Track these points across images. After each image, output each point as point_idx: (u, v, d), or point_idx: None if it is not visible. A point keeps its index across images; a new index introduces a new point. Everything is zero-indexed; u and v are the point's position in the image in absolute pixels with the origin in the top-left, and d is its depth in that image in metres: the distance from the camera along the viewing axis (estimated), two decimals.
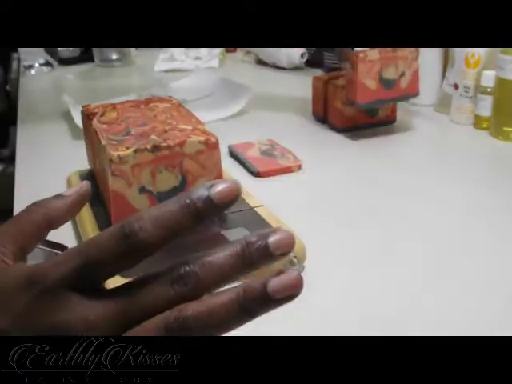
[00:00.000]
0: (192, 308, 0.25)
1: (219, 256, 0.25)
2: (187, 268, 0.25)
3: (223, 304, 0.25)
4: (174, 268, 0.26)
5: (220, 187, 0.26)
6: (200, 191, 0.26)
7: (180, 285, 0.25)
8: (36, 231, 0.30)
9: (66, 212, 0.31)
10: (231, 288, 0.25)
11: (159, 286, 0.25)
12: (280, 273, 0.25)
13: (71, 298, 0.25)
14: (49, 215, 0.31)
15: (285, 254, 0.25)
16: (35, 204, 0.31)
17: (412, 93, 0.83)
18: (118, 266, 0.26)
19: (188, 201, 0.25)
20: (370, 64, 0.79)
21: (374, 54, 0.79)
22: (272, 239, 0.25)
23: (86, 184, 0.32)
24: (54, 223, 0.31)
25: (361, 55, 0.78)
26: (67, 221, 0.32)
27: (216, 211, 0.26)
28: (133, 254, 0.25)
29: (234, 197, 0.26)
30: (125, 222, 0.26)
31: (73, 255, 0.26)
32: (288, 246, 0.25)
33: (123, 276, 0.28)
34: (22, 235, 0.30)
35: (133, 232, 0.25)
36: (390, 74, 0.81)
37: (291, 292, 0.24)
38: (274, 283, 0.24)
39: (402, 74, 0.82)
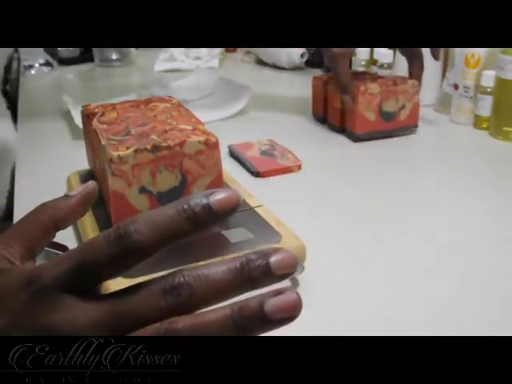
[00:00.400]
0: (184, 321, 0.24)
1: (217, 270, 0.25)
2: (181, 279, 0.25)
3: (217, 320, 0.24)
4: (168, 278, 0.25)
5: (220, 195, 0.25)
6: (199, 198, 0.25)
7: (172, 296, 0.25)
8: (42, 232, 0.31)
9: (72, 212, 0.31)
10: (226, 304, 0.24)
11: (152, 295, 0.25)
12: (278, 293, 0.24)
13: (64, 299, 0.25)
14: (55, 216, 0.31)
15: (286, 276, 0.25)
16: (42, 205, 0.31)
17: (411, 124, 0.85)
18: (113, 268, 0.26)
19: (186, 206, 0.25)
20: (371, 97, 0.80)
21: (374, 87, 0.80)
22: (273, 259, 0.24)
23: (92, 183, 0.32)
24: (61, 223, 0.31)
25: (361, 88, 0.80)
26: (75, 221, 0.32)
27: (214, 219, 0.25)
28: (127, 256, 0.25)
29: (233, 206, 0.25)
30: (121, 224, 0.25)
31: (69, 256, 0.26)
32: (290, 267, 0.25)
33: (125, 277, 0.28)
34: (29, 236, 0.30)
35: (127, 233, 0.25)
36: (389, 106, 0.82)
37: (289, 314, 0.24)
38: (272, 303, 0.24)
39: (402, 107, 0.83)
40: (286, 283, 0.49)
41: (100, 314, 0.25)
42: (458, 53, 0.90)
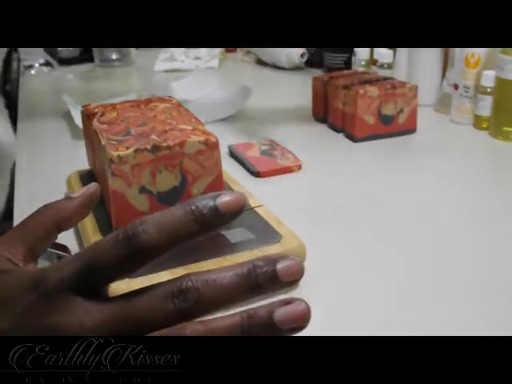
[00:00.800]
0: (192, 328, 0.24)
1: (224, 275, 0.25)
2: (189, 283, 0.25)
3: (225, 327, 0.24)
4: (176, 282, 0.25)
5: (227, 197, 0.25)
6: (206, 200, 0.25)
7: (180, 300, 0.25)
8: (45, 233, 0.31)
9: (74, 213, 0.32)
10: (236, 312, 0.25)
11: (159, 298, 0.25)
12: (287, 302, 0.24)
13: (71, 301, 0.25)
14: (57, 217, 0.31)
15: (292, 283, 0.25)
16: (44, 206, 0.32)
17: (410, 128, 0.85)
18: (120, 269, 0.26)
19: (193, 207, 0.25)
20: (370, 100, 0.81)
21: (373, 90, 0.81)
22: (280, 265, 0.25)
23: (94, 185, 0.32)
24: (63, 225, 0.31)
25: (361, 91, 0.80)
26: (77, 222, 0.32)
27: (221, 221, 0.25)
28: (135, 257, 0.25)
29: (239, 207, 0.25)
30: (128, 226, 0.25)
31: (76, 258, 0.26)
32: (296, 273, 0.25)
33: (131, 277, 0.28)
34: (32, 237, 0.30)
35: (136, 234, 0.25)
36: (388, 110, 0.83)
37: (297, 324, 0.24)
38: (281, 312, 0.24)
39: (401, 111, 0.83)
40: None
41: (106, 317, 0.25)
42: (458, 53, 0.90)
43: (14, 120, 1.02)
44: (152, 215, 0.26)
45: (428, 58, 0.97)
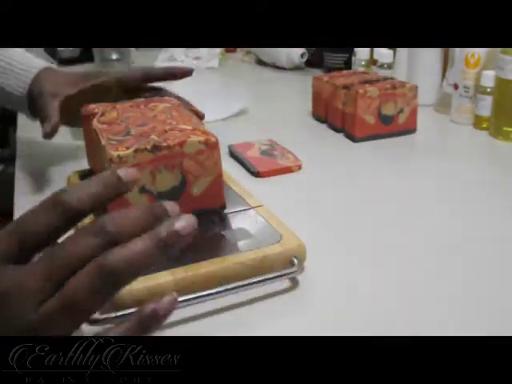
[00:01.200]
0: (118, 249, 0.27)
1: (133, 210, 0.30)
2: (104, 218, 0.29)
3: (145, 246, 0.28)
4: (94, 222, 0.29)
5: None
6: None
7: (102, 233, 0.28)
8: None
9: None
10: (148, 232, 0.28)
11: (84, 237, 0.28)
12: (178, 217, 0.29)
13: (6, 270, 0.27)
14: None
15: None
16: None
17: (410, 128, 0.85)
18: (50, 237, 0.29)
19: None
20: (370, 100, 0.81)
21: (373, 90, 0.81)
22: (168, 205, 0.30)
23: None
24: None
25: (360, 91, 0.80)
26: None
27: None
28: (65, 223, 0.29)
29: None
30: (52, 196, 0.29)
31: (7, 232, 0.29)
32: (176, 210, 0.30)
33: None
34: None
35: (64, 201, 0.29)
36: (388, 110, 0.83)
37: (193, 228, 0.29)
38: (181, 224, 0.28)
39: (401, 111, 0.83)
40: (285, 283, 0.49)
41: (40, 269, 0.27)
42: (458, 53, 0.90)
43: (14, 120, 1.02)
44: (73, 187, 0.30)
45: (428, 57, 0.97)
